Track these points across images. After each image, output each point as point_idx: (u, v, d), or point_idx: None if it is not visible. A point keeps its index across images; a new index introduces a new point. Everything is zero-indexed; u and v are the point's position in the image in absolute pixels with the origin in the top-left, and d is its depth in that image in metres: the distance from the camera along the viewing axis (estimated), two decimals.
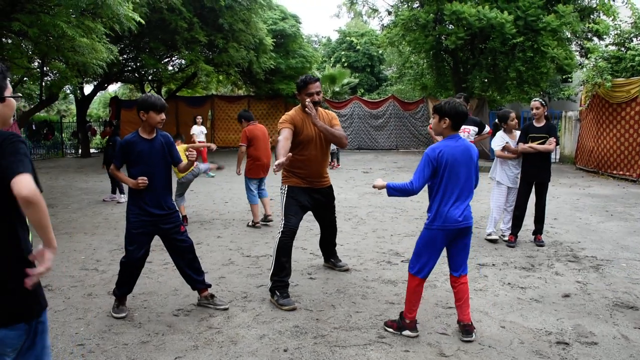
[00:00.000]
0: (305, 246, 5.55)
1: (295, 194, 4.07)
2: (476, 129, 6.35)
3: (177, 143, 6.18)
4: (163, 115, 3.56)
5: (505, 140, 5.61)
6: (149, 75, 20.65)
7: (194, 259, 3.76)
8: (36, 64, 11.76)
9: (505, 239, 5.68)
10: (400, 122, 19.83)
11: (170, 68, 20.97)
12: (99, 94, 25.87)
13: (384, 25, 19.16)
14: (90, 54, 8.70)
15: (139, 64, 18.88)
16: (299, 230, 4.13)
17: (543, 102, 5.54)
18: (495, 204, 5.73)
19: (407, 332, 3.26)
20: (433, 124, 3.28)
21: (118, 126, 10.19)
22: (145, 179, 3.49)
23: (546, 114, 5.59)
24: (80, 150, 20.41)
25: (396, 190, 3.16)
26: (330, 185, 4.36)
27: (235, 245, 5.70)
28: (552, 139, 5.39)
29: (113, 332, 3.35)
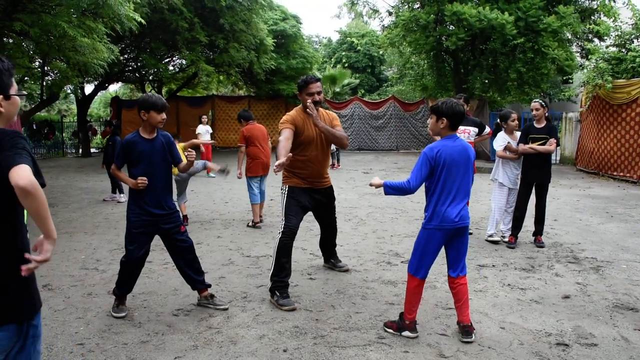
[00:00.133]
0: (305, 246, 5.55)
1: (296, 194, 4.07)
2: (476, 130, 6.35)
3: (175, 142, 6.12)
4: (164, 115, 3.57)
5: (507, 141, 5.61)
6: (149, 75, 20.67)
7: (194, 259, 3.76)
8: (37, 64, 11.75)
9: (505, 240, 5.68)
10: (400, 123, 19.84)
11: (171, 68, 20.98)
12: (99, 93, 25.91)
13: (384, 25, 19.20)
14: (91, 54, 8.71)
15: (139, 63, 18.91)
16: (299, 231, 4.13)
17: (543, 103, 5.54)
18: (496, 205, 5.73)
19: (407, 333, 3.26)
20: (430, 124, 3.26)
21: (118, 126, 10.17)
22: (144, 179, 3.49)
23: (547, 115, 5.59)
24: (80, 150, 20.45)
25: (393, 188, 3.16)
26: (331, 185, 4.36)
27: (235, 245, 5.71)
28: (553, 140, 5.39)
29: (113, 332, 3.35)
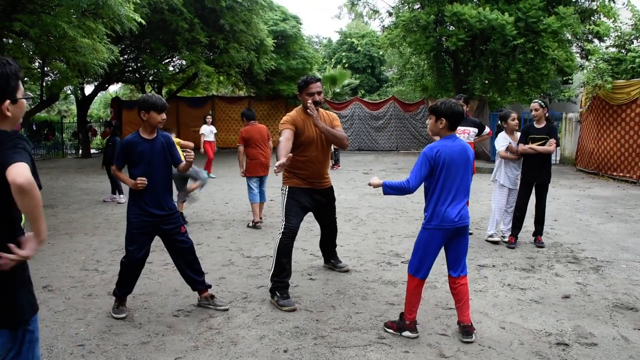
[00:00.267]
0: (305, 247, 5.55)
1: (296, 194, 4.06)
2: (476, 130, 6.35)
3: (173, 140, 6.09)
4: (164, 115, 3.57)
5: (508, 141, 5.61)
6: (149, 75, 20.68)
7: (194, 259, 3.76)
8: (37, 64, 11.77)
9: (505, 240, 5.68)
10: (400, 124, 19.86)
11: (171, 69, 21.00)
12: (99, 94, 25.96)
13: (384, 26, 19.22)
14: (91, 54, 8.72)
15: (139, 64, 18.92)
16: (299, 231, 4.13)
17: (542, 104, 5.54)
18: (496, 205, 5.73)
19: (407, 333, 3.26)
20: (430, 124, 3.26)
21: (117, 127, 10.17)
22: (144, 179, 3.49)
23: (547, 115, 5.60)
24: (80, 151, 20.46)
25: (392, 188, 3.16)
26: (331, 186, 4.36)
27: (236, 245, 5.71)
28: (553, 141, 5.39)
29: (113, 333, 3.35)
